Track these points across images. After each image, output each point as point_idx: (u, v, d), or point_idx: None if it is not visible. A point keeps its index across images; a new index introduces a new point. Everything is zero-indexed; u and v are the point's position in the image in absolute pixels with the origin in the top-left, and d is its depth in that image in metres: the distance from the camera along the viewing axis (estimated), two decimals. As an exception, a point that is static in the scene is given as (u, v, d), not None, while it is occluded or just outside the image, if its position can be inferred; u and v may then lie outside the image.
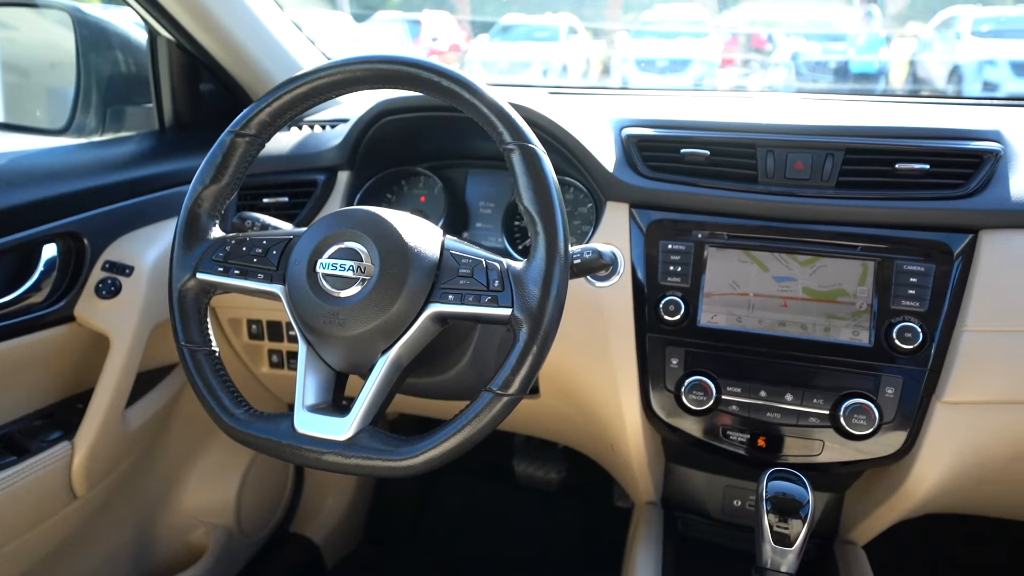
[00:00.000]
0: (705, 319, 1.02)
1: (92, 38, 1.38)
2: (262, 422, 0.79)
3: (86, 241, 1.11)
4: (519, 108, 0.89)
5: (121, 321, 1.12)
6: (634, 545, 1.15)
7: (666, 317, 1.02)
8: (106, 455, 1.18)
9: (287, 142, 1.27)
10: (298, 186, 1.22)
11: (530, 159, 0.76)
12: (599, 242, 1.06)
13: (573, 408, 1.18)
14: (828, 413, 0.96)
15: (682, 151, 1.04)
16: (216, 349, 0.83)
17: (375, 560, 1.88)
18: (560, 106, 1.13)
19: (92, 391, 1.14)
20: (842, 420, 0.94)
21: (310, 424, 0.77)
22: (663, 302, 1.02)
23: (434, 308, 0.76)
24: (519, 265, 0.75)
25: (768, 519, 0.82)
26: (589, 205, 1.18)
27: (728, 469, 1.16)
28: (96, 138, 1.37)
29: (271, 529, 1.72)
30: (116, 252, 1.14)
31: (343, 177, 1.22)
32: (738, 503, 1.19)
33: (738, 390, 1.00)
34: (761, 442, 1.01)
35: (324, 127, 1.32)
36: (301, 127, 1.33)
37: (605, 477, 1.44)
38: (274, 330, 1.32)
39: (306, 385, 0.79)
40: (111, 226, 1.15)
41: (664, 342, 1.03)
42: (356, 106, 1.36)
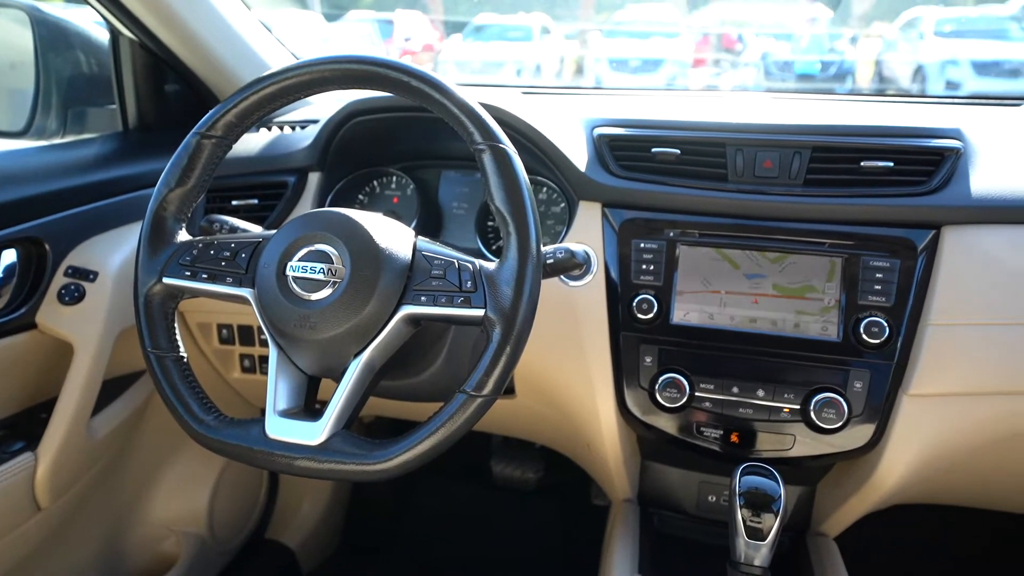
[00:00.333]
0: (678, 317, 1.02)
1: (51, 38, 1.35)
2: (233, 428, 0.78)
3: (47, 246, 1.09)
4: (490, 108, 0.89)
5: (85, 327, 1.09)
6: (611, 542, 1.16)
7: (639, 315, 1.02)
8: (71, 465, 1.16)
9: (256, 143, 1.26)
10: (268, 188, 1.20)
11: (501, 159, 0.76)
12: (572, 241, 1.06)
13: (549, 407, 1.18)
14: (799, 408, 0.98)
15: (653, 150, 1.04)
16: (184, 355, 0.82)
17: (352, 565, 1.87)
18: (532, 106, 1.13)
19: (56, 400, 1.11)
20: (812, 414, 0.96)
21: (282, 429, 0.76)
22: (636, 300, 1.03)
23: (406, 310, 0.75)
24: (491, 266, 0.75)
25: (741, 514, 0.83)
26: (562, 205, 1.18)
27: (702, 465, 1.17)
28: (57, 140, 1.34)
29: (245, 536, 1.69)
30: (79, 257, 1.11)
31: (314, 178, 1.21)
32: (713, 498, 1.20)
33: (711, 387, 1.01)
34: (734, 438, 1.02)
35: (294, 128, 1.30)
36: (270, 128, 1.32)
37: (582, 476, 1.45)
38: (245, 334, 1.30)
39: (277, 390, 0.78)
40: (73, 230, 1.13)
41: (638, 340, 1.04)
42: (326, 107, 1.34)
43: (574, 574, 1.73)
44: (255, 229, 0.96)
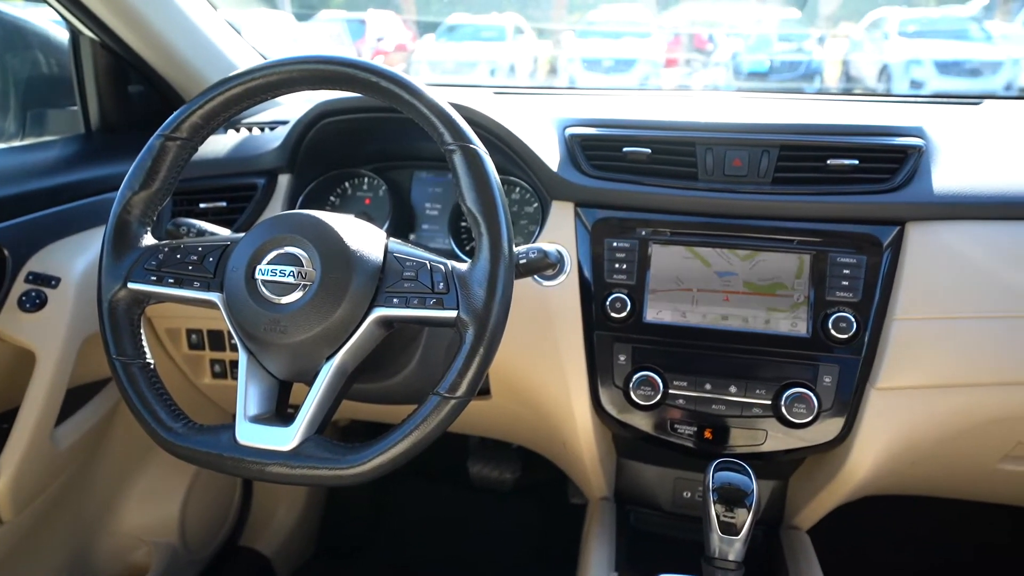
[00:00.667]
0: (651, 315, 1.03)
1: (8, 37, 1.31)
2: (202, 435, 0.77)
3: (6, 252, 1.06)
4: (460, 108, 0.88)
5: (47, 335, 1.06)
6: (588, 541, 1.16)
7: (613, 314, 1.03)
8: (34, 476, 1.12)
9: (224, 145, 1.24)
10: (236, 190, 1.18)
11: (472, 160, 0.75)
12: (545, 241, 1.06)
13: (524, 407, 1.18)
14: (770, 403, 0.99)
15: (624, 150, 1.05)
16: (151, 361, 0.81)
17: (329, 570, 1.85)
18: (504, 106, 1.13)
19: (17, 409, 1.08)
20: (783, 409, 0.97)
21: (253, 435, 0.75)
22: (610, 299, 1.03)
23: (378, 312, 0.75)
24: (464, 267, 0.75)
25: (715, 509, 0.84)
26: (535, 205, 1.18)
27: (677, 462, 1.18)
28: (16, 143, 1.30)
29: (219, 544, 1.67)
30: (40, 263, 1.09)
31: (283, 180, 1.19)
32: (688, 494, 1.21)
33: (684, 384, 1.02)
34: (708, 434, 1.03)
35: (263, 129, 1.28)
36: (239, 129, 1.30)
37: (560, 475, 1.45)
38: (215, 339, 1.27)
39: (248, 395, 0.77)
40: (34, 236, 1.10)
41: (612, 339, 1.04)
42: (296, 107, 1.33)
43: (553, 573, 1.73)
44: (223, 232, 0.94)
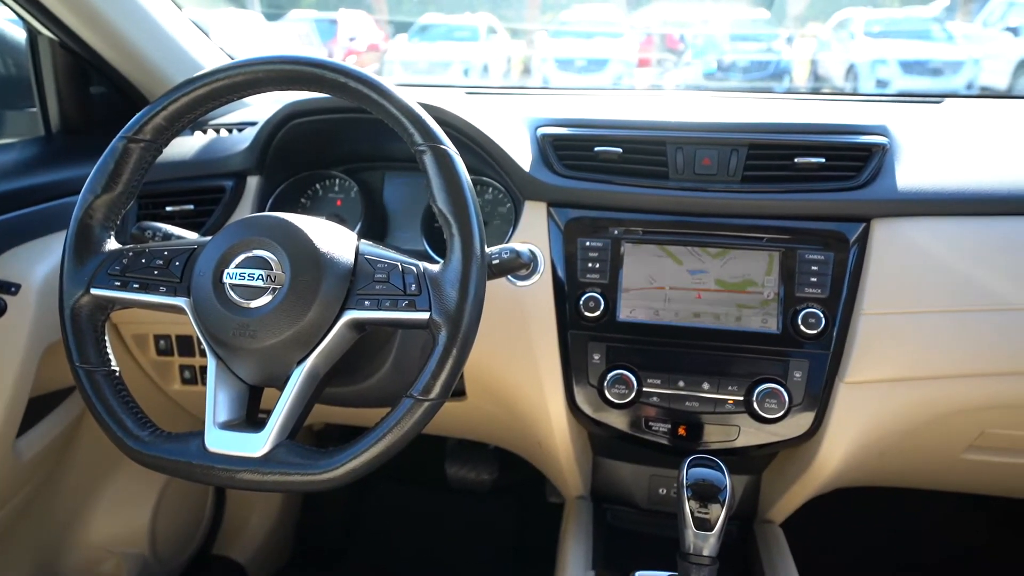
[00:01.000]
0: (624, 314, 1.04)
1: (-38, 37, 1.27)
2: (170, 443, 0.75)
3: (-36, 258, 1.03)
4: (430, 108, 0.88)
5: (8, 343, 1.03)
6: (565, 539, 1.17)
7: (587, 313, 1.03)
8: (-3, 489, 1.09)
9: (191, 146, 1.21)
10: (204, 193, 1.16)
11: (442, 160, 0.75)
12: (519, 241, 1.06)
13: (500, 408, 1.18)
14: (742, 399, 1.00)
15: (596, 149, 1.05)
16: (116, 368, 0.79)
17: (305, 576, 1.83)
18: (476, 106, 1.12)
19: None
20: (755, 405, 0.99)
21: (222, 442, 0.74)
22: (583, 299, 1.03)
23: (350, 315, 0.74)
24: (436, 268, 0.74)
25: (689, 505, 0.84)
26: (508, 205, 1.18)
27: (653, 459, 1.19)
28: (-28, 146, 1.27)
29: (191, 553, 1.64)
30: None
31: (252, 182, 1.17)
32: (664, 491, 1.22)
33: (658, 381, 1.02)
34: (682, 431, 1.04)
35: (231, 131, 1.26)
36: (205, 131, 1.27)
37: (537, 475, 1.45)
38: (184, 345, 1.25)
39: (217, 401, 0.76)
40: (-7, 241, 1.07)
41: (586, 338, 1.04)
42: (265, 108, 1.31)
43: (532, 573, 1.73)
44: (191, 236, 0.93)
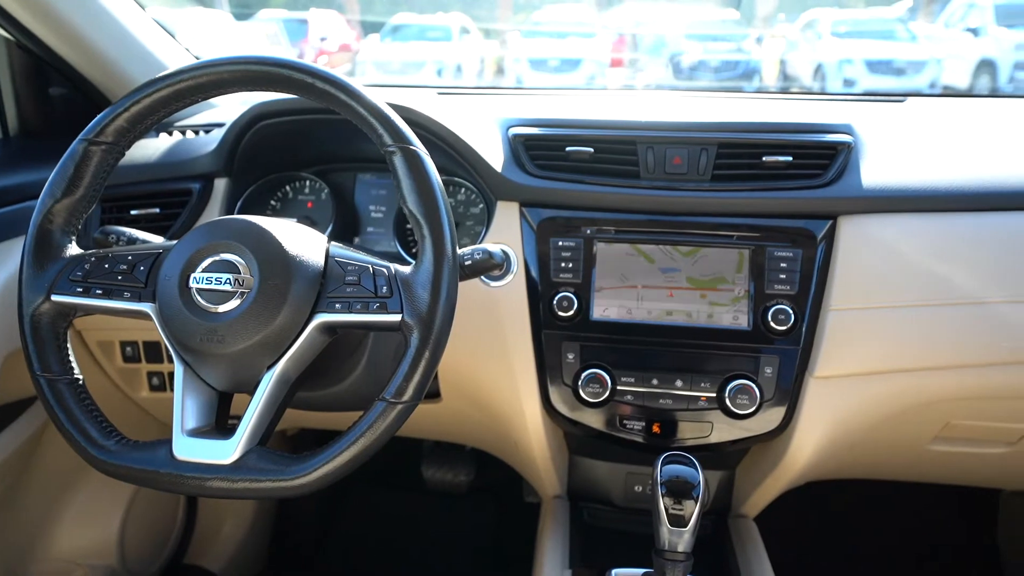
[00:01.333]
0: (598, 313, 1.04)
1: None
2: (137, 452, 0.74)
3: (-82, 265, 0.99)
4: (400, 109, 0.87)
5: None
6: (542, 539, 1.17)
7: (560, 313, 1.04)
8: (-43, 502, 1.06)
9: (156, 148, 1.19)
10: (170, 196, 1.14)
11: (412, 161, 0.75)
12: (491, 242, 1.06)
13: (475, 409, 1.18)
14: (715, 395, 1.01)
15: (567, 149, 1.06)
16: (79, 377, 0.77)
17: (281, 583, 1.81)
18: (448, 107, 1.12)
19: None
20: (727, 401, 1.00)
21: (191, 449, 0.73)
22: (557, 298, 1.04)
23: (321, 318, 0.74)
24: (407, 269, 0.74)
25: (664, 502, 0.85)
26: (481, 206, 1.18)
27: (628, 457, 1.19)
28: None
29: (162, 563, 1.60)
30: None
31: (220, 185, 1.15)
32: (639, 488, 1.23)
33: (632, 380, 1.03)
34: (656, 428, 1.05)
35: (197, 132, 1.24)
36: (171, 133, 1.25)
37: (514, 475, 1.45)
38: (152, 351, 1.23)
39: (185, 408, 0.75)
40: (-51, 247, 1.03)
41: (560, 337, 1.05)
42: (232, 109, 1.29)
43: (510, 573, 1.73)
44: (157, 240, 0.91)
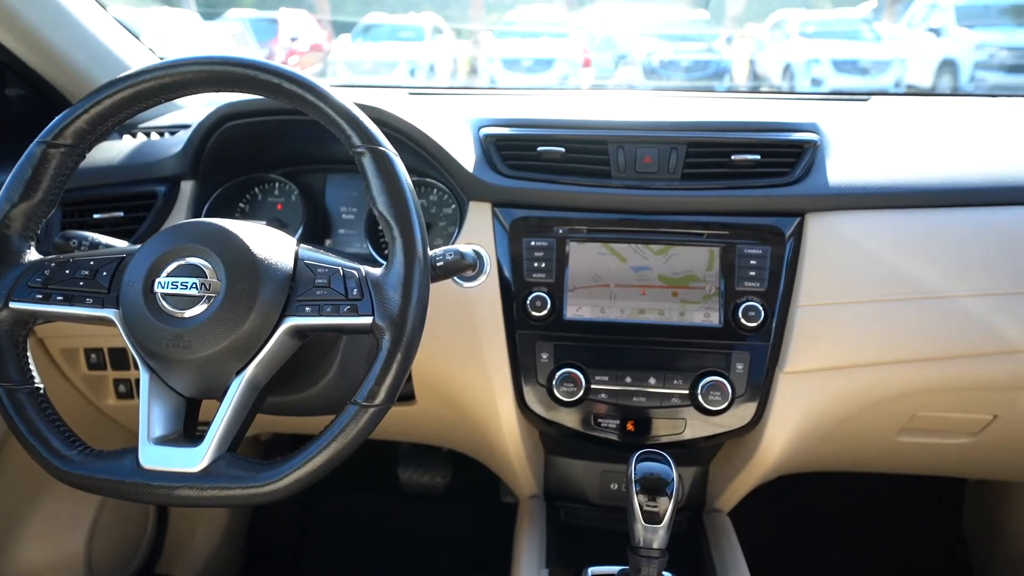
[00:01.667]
0: (571, 312, 1.04)
1: None
2: (101, 462, 0.72)
3: None
4: (369, 109, 0.87)
5: None
6: (519, 539, 1.17)
7: (534, 313, 1.04)
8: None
9: (119, 151, 1.16)
10: (135, 199, 1.11)
11: (381, 162, 0.74)
12: (464, 242, 1.06)
13: (450, 411, 1.18)
14: (688, 392, 1.02)
15: (539, 149, 1.06)
16: (40, 386, 0.76)
17: (257, 591, 1.78)
18: (419, 107, 1.11)
19: None
20: (700, 398, 1.01)
21: (158, 458, 0.71)
22: (530, 298, 1.04)
23: (290, 322, 0.73)
24: (378, 271, 0.73)
25: (638, 500, 0.85)
26: (453, 206, 1.17)
27: (603, 455, 1.20)
28: None
29: (132, 573, 1.57)
30: None
31: (187, 187, 1.13)
32: (615, 486, 1.23)
33: (605, 378, 1.03)
34: (630, 426, 1.05)
35: (162, 134, 1.22)
36: (135, 134, 1.23)
37: (491, 476, 1.45)
38: (119, 357, 1.20)
39: (151, 416, 0.74)
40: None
41: (534, 337, 1.05)
42: (198, 110, 1.26)
43: (488, 574, 1.73)
44: (121, 244, 0.89)
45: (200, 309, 0.71)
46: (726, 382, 1.01)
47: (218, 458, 0.71)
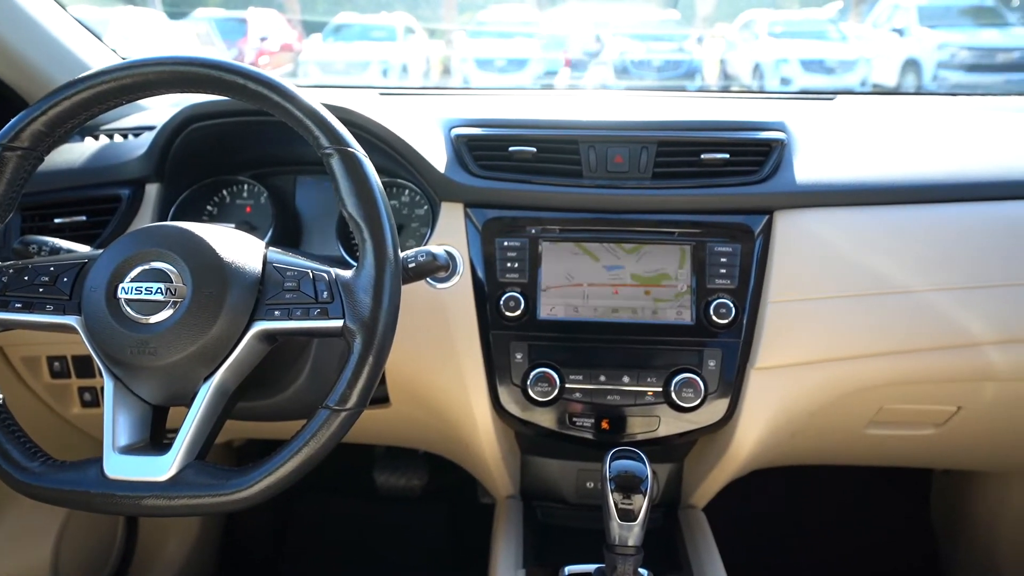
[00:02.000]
0: (544, 312, 1.04)
1: None
2: (64, 472, 0.71)
3: None
4: (337, 110, 0.86)
5: None
6: (496, 540, 1.17)
7: (507, 313, 1.03)
8: None
9: (80, 153, 1.14)
10: (97, 203, 1.09)
11: (350, 164, 0.74)
12: (437, 243, 1.05)
13: (425, 413, 1.17)
14: (661, 390, 1.03)
15: (510, 149, 1.06)
16: None
17: (231, 599, 1.75)
18: (390, 107, 1.11)
19: None
20: (673, 395, 1.01)
21: (124, 467, 0.70)
22: (504, 298, 1.04)
23: (260, 326, 0.72)
24: (348, 274, 0.73)
25: (613, 498, 0.86)
26: (425, 207, 1.17)
27: (579, 454, 1.20)
28: None
29: (102, 586, 1.54)
30: None
31: (152, 190, 1.11)
32: (591, 485, 1.24)
33: (580, 377, 1.04)
34: (605, 424, 1.06)
35: (125, 136, 1.19)
36: (97, 136, 1.20)
37: (468, 477, 1.45)
38: (83, 365, 1.17)
39: (116, 424, 0.72)
40: None
41: (508, 338, 1.05)
42: (163, 112, 1.24)
43: (466, 575, 1.72)
44: (83, 249, 0.87)
45: (166, 315, 0.70)
46: (699, 379, 1.01)
47: (186, 466, 0.69)
